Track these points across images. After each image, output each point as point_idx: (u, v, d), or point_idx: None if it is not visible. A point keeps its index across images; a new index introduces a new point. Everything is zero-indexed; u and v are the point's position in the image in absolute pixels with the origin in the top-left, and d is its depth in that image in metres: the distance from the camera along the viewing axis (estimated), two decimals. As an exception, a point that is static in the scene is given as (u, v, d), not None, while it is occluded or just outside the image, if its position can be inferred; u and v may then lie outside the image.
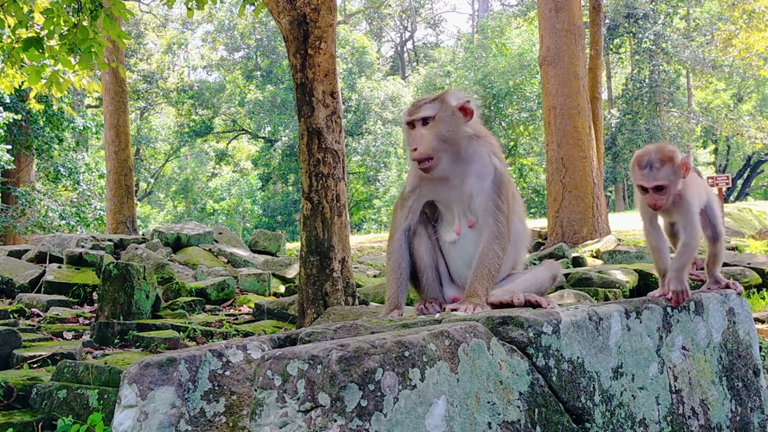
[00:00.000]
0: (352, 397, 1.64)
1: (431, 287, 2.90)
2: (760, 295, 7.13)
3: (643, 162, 2.63)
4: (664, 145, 2.70)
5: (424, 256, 2.90)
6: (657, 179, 2.60)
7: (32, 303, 7.05)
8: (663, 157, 2.62)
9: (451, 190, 2.84)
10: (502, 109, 35.31)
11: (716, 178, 15.77)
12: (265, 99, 37.76)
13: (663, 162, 2.61)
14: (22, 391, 3.98)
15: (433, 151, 2.74)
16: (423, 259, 2.89)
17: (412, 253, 2.91)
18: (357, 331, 2.37)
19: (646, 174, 2.62)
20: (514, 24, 37.87)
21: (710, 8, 34.61)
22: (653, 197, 2.63)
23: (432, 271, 2.91)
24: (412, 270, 2.92)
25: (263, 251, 11.53)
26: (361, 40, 40.09)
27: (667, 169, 2.60)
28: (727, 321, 2.82)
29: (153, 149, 38.74)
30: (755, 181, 45.78)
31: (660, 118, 32.65)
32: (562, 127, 12.96)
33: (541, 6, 13.47)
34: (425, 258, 2.89)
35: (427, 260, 2.89)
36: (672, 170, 2.61)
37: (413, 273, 2.93)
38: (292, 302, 6.54)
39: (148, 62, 36.54)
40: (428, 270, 2.90)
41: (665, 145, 2.70)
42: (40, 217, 18.57)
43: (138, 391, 2.11)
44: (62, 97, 11.45)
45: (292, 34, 5.52)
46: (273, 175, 40.00)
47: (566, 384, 2.16)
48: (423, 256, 2.90)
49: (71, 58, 6.91)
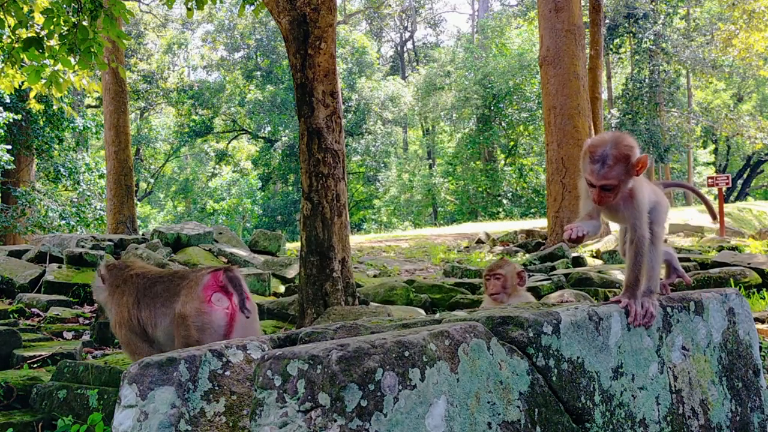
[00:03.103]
0: (352, 397, 1.64)
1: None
2: (760, 295, 7.12)
3: (596, 155, 2.35)
4: (622, 138, 2.40)
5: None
6: (607, 178, 2.35)
7: (32, 303, 7.05)
8: (618, 155, 2.34)
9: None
10: (502, 109, 35.32)
11: (716, 178, 15.75)
12: (265, 99, 37.78)
13: (617, 160, 2.34)
14: (22, 391, 3.98)
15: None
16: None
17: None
18: (357, 331, 2.37)
19: (597, 170, 2.35)
20: (514, 24, 37.88)
21: (710, 8, 34.62)
22: (599, 194, 2.38)
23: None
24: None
25: (263, 251, 11.52)
26: (361, 40, 40.11)
27: (619, 168, 2.34)
28: (727, 321, 2.82)
29: (153, 149, 38.76)
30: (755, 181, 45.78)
31: (660, 118, 32.65)
32: (562, 127, 12.96)
33: (541, 6, 13.48)
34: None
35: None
36: (625, 169, 2.35)
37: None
38: (292, 302, 6.54)
39: (148, 62, 36.55)
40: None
41: (623, 138, 2.41)
42: (40, 217, 18.57)
43: (138, 391, 2.11)
44: (62, 97, 11.47)
45: (292, 34, 5.52)
46: (273, 175, 40.02)
47: (566, 384, 2.16)
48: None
49: (71, 58, 6.90)
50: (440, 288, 7.85)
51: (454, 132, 38.81)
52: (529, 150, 36.70)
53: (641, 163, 2.38)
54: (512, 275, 4.24)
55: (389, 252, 14.73)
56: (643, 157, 2.38)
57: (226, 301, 2.47)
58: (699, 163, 44.74)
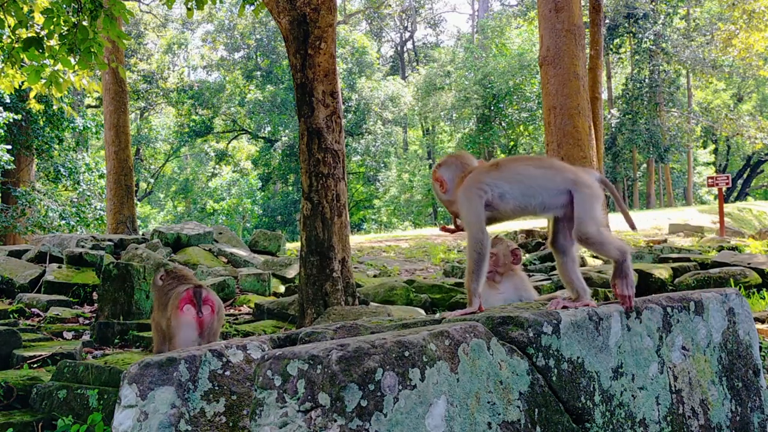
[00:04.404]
0: (352, 397, 1.64)
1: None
2: (760, 295, 7.12)
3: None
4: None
5: None
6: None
7: (32, 303, 7.05)
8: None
9: None
10: (502, 109, 35.33)
11: (716, 178, 15.75)
12: (265, 99, 37.78)
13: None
14: (22, 391, 3.98)
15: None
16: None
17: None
18: (357, 331, 2.37)
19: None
20: (514, 24, 37.89)
21: (710, 8, 34.63)
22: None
23: None
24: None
25: (263, 251, 11.52)
26: (361, 40, 40.11)
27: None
28: (727, 321, 2.82)
29: (153, 149, 38.76)
30: (755, 181, 45.80)
31: (660, 118, 32.67)
32: (562, 127, 12.96)
33: (541, 6, 13.47)
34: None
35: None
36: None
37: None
38: (292, 302, 6.54)
39: (148, 62, 36.54)
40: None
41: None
42: (40, 217, 18.57)
43: (138, 391, 2.11)
44: (62, 97, 11.46)
45: (292, 34, 5.52)
46: (273, 175, 40.03)
47: (566, 384, 2.16)
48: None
49: (71, 58, 6.90)
50: (440, 288, 7.84)
51: (454, 132, 38.85)
52: (529, 150, 36.70)
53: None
54: (505, 253, 3.95)
55: (389, 252, 14.73)
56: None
57: (194, 310, 3.58)
58: (699, 163, 44.74)
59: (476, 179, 2.48)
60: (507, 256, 3.93)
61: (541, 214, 2.51)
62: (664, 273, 8.15)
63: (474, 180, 2.49)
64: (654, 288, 7.80)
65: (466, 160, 2.66)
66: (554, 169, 2.51)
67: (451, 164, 2.63)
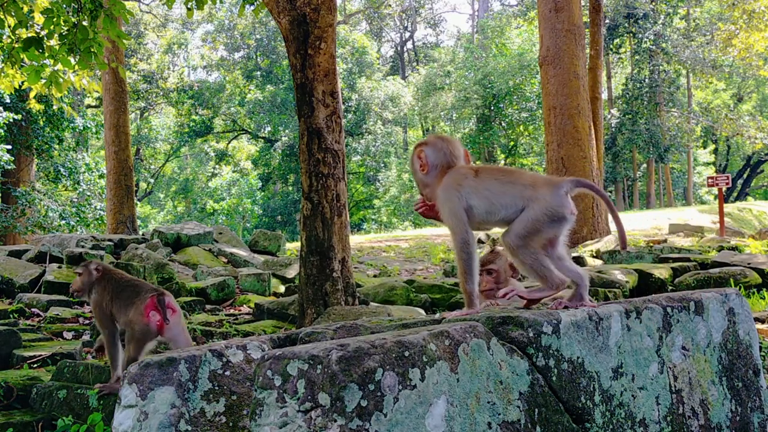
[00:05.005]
0: (352, 397, 1.64)
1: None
2: (760, 295, 7.12)
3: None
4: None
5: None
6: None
7: (32, 303, 7.05)
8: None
9: None
10: (502, 109, 35.32)
11: (716, 178, 15.75)
12: (265, 99, 37.78)
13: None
14: (22, 391, 3.98)
15: None
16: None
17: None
18: (357, 331, 2.37)
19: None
20: (514, 24, 37.89)
21: (710, 8, 34.64)
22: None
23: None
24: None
25: (263, 251, 11.53)
26: (361, 40, 40.11)
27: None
28: (727, 321, 2.82)
29: (153, 149, 38.76)
30: (755, 181, 45.81)
31: (660, 118, 32.67)
32: (562, 127, 12.96)
33: (541, 6, 13.48)
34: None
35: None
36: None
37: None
38: (292, 302, 6.54)
39: (148, 62, 36.54)
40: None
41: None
42: (40, 217, 18.57)
43: (138, 391, 2.11)
44: (62, 97, 11.46)
45: (292, 34, 5.52)
46: (273, 175, 40.03)
47: (566, 384, 2.16)
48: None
49: (71, 58, 6.89)
50: (440, 288, 7.84)
51: (454, 132, 38.81)
52: (529, 150, 36.73)
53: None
54: (505, 268, 3.83)
55: (389, 252, 14.73)
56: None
57: (158, 316, 3.72)
58: (699, 163, 44.75)
59: (457, 182, 2.49)
60: (507, 271, 3.84)
61: (507, 227, 2.51)
62: (664, 273, 8.15)
63: (455, 182, 2.49)
64: (654, 288, 7.81)
65: (453, 148, 2.60)
66: (516, 185, 2.48)
67: (439, 149, 2.57)
